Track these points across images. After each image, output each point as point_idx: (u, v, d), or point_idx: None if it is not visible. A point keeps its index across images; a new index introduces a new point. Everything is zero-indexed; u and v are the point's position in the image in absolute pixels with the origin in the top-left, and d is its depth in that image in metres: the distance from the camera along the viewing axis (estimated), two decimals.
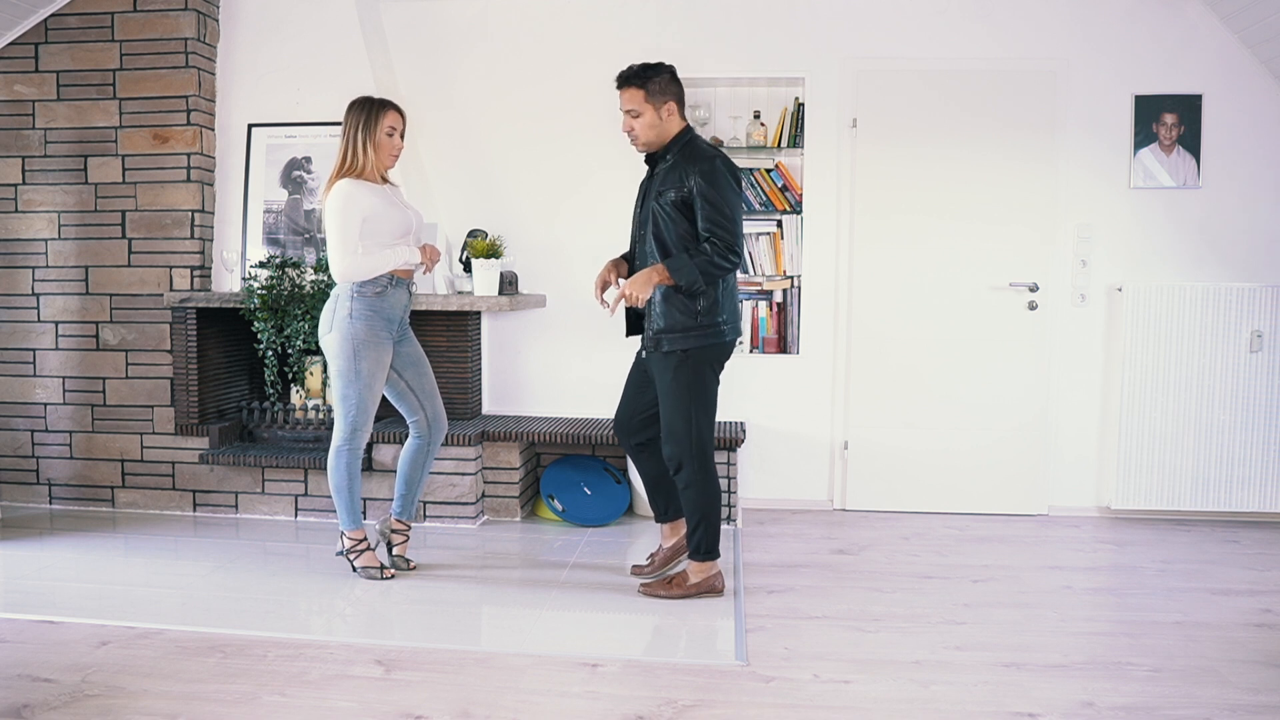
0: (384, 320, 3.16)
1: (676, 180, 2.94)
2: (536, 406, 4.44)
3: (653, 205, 2.98)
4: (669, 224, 2.96)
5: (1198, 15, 4.07)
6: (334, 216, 3.07)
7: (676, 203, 2.94)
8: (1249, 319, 4.06)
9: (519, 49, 4.35)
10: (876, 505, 4.31)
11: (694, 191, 2.91)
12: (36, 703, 2.33)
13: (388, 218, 3.14)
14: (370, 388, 3.14)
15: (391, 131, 3.19)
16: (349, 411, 3.15)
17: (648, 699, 2.39)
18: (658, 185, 3.00)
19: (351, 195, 3.08)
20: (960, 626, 2.91)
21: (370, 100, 3.17)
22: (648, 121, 2.98)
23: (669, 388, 3.00)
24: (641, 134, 3.00)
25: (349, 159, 3.14)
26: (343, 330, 3.10)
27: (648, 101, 2.97)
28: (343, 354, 3.11)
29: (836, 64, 4.22)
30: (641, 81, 2.96)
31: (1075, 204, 4.19)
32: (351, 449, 3.19)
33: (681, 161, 2.96)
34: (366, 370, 3.12)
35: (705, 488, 3.02)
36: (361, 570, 3.28)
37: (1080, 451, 4.26)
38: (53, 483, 4.27)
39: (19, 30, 4.11)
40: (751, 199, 4.32)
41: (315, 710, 2.32)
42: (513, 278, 4.14)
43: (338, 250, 3.07)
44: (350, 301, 3.11)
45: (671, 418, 3.02)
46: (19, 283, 4.24)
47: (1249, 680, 2.52)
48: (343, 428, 3.17)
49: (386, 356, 3.18)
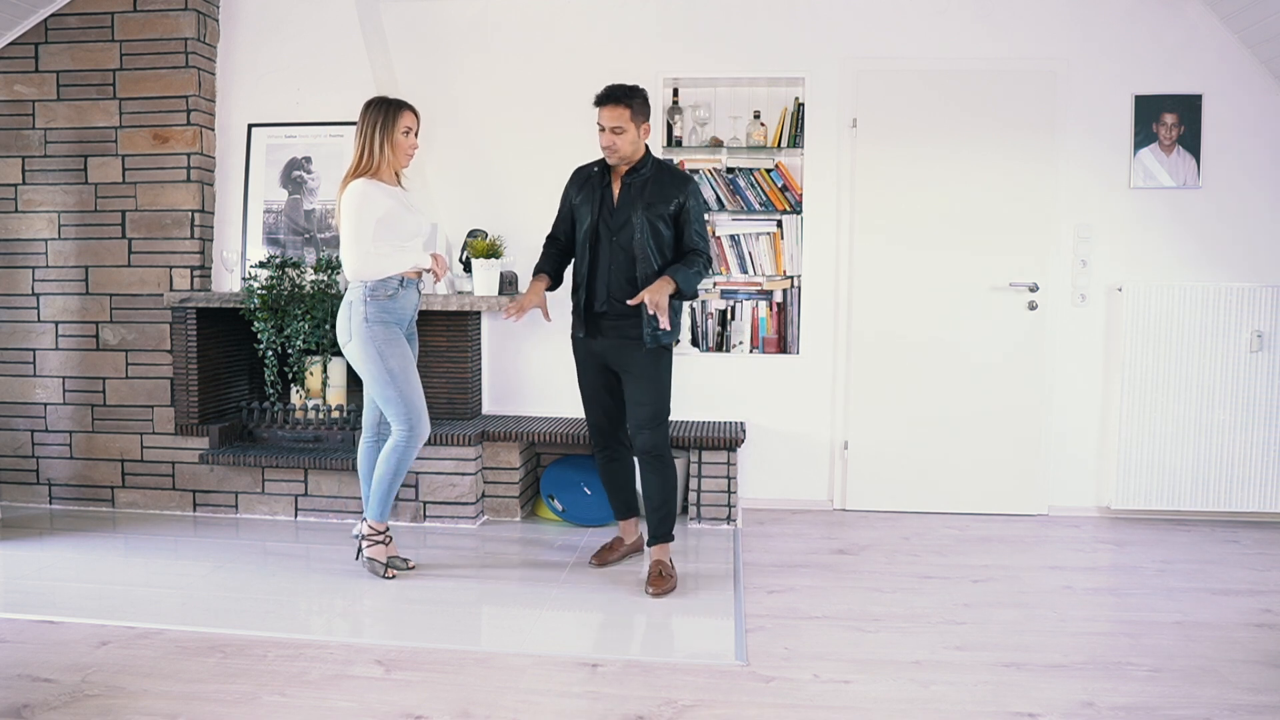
0: (396, 321, 3.22)
1: (665, 195, 3.21)
2: (536, 406, 4.44)
3: (643, 215, 3.19)
4: (660, 233, 3.22)
5: (1198, 15, 4.07)
6: (349, 215, 3.11)
7: (665, 216, 3.21)
8: (1249, 319, 4.06)
9: (519, 48, 4.35)
10: (876, 505, 4.31)
11: (683, 208, 3.23)
12: (36, 703, 2.33)
13: (402, 219, 3.18)
14: (409, 381, 3.20)
15: (408, 131, 3.24)
16: (399, 411, 3.19)
17: (648, 699, 2.39)
18: (645, 196, 3.20)
19: (367, 194, 3.11)
20: (960, 626, 2.91)
21: (387, 100, 3.22)
22: (630, 138, 3.18)
23: (655, 377, 3.25)
24: (623, 149, 3.18)
25: (365, 158, 3.18)
26: (362, 336, 3.16)
27: (632, 120, 3.17)
28: (369, 358, 3.17)
29: (836, 64, 4.23)
30: (629, 100, 3.17)
31: (1075, 204, 4.19)
32: (410, 445, 3.22)
33: (665, 178, 3.24)
34: (398, 367, 3.18)
35: (673, 469, 3.33)
36: (367, 560, 3.30)
37: (1080, 451, 4.26)
38: (53, 483, 4.27)
39: (19, 30, 4.11)
40: (751, 199, 4.32)
41: (315, 710, 2.33)
42: (513, 278, 4.14)
43: (351, 248, 3.12)
44: (364, 306, 3.16)
45: (659, 406, 3.27)
46: (19, 283, 4.24)
47: (1249, 680, 2.52)
48: (400, 427, 3.21)
49: (408, 349, 3.25)
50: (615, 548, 3.52)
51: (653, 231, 3.20)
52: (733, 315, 4.40)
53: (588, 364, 3.37)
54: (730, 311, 4.40)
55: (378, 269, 3.14)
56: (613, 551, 3.50)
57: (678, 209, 3.22)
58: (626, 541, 3.54)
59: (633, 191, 3.22)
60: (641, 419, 3.26)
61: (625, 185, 3.24)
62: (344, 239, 3.14)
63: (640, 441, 3.27)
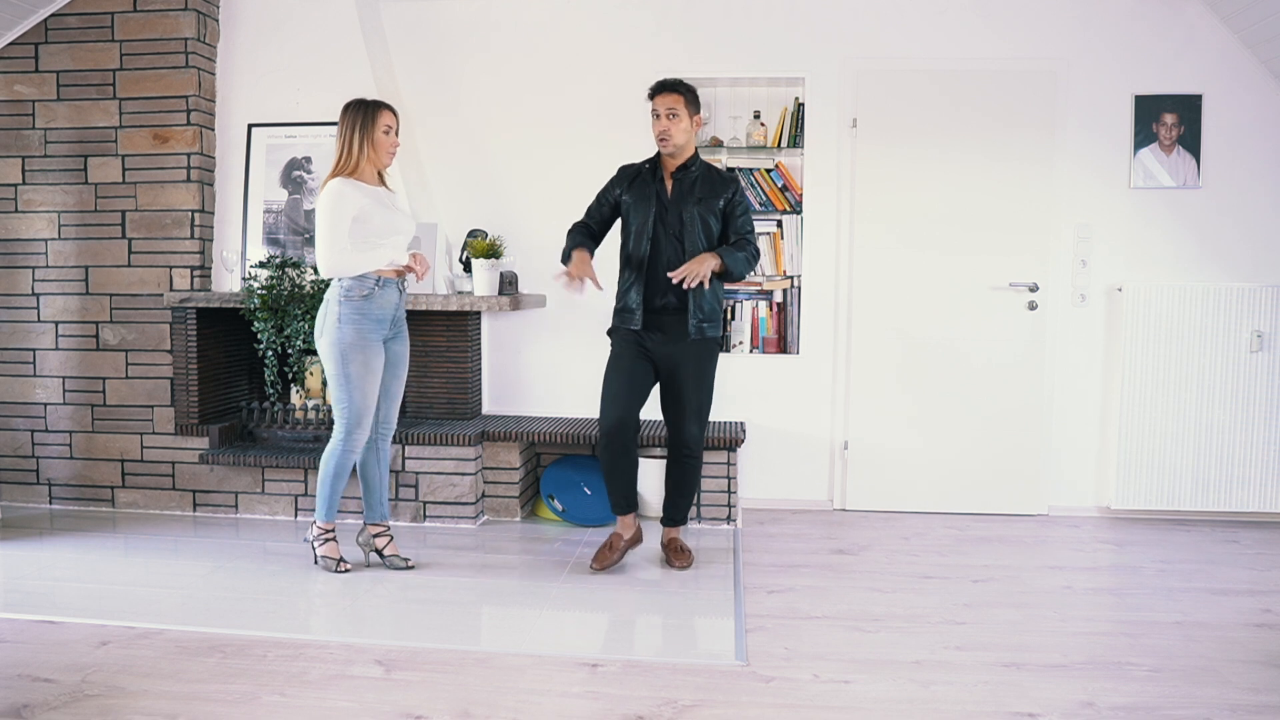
0: (373, 322, 3.22)
1: (715, 191, 3.36)
2: (536, 406, 4.44)
3: (696, 210, 3.31)
4: (711, 227, 3.35)
5: (1198, 15, 4.07)
6: (324, 213, 3.15)
7: (715, 211, 3.35)
8: (1249, 319, 4.06)
9: (519, 48, 4.36)
10: (876, 505, 4.31)
11: (732, 202, 3.37)
12: (36, 703, 2.33)
13: (377, 218, 3.20)
14: (361, 389, 3.22)
15: (388, 130, 3.27)
16: (342, 414, 3.25)
17: (648, 699, 2.39)
18: (697, 191, 3.33)
19: (342, 193, 3.15)
20: (960, 626, 2.90)
21: (365, 101, 3.26)
22: (684, 126, 3.31)
23: (704, 372, 3.38)
24: (676, 136, 3.29)
25: (344, 158, 3.22)
26: (330, 336, 3.20)
27: (686, 107, 3.31)
28: (330, 358, 3.21)
29: (836, 64, 4.23)
30: (685, 90, 3.33)
31: (1075, 204, 4.19)
32: (346, 450, 3.27)
33: (714, 176, 3.40)
34: (356, 373, 3.20)
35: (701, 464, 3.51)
36: (321, 559, 3.36)
37: (1080, 452, 4.26)
38: (53, 483, 4.27)
39: (19, 30, 4.11)
40: (751, 199, 4.32)
41: (315, 710, 2.32)
42: (513, 278, 4.14)
43: (325, 245, 3.16)
44: (338, 306, 3.19)
45: (703, 401, 3.40)
46: (19, 283, 4.24)
47: (1249, 680, 2.52)
48: (339, 429, 3.26)
49: (377, 359, 3.25)
50: (615, 546, 3.42)
51: (704, 226, 3.32)
52: (733, 315, 4.40)
53: (631, 357, 3.36)
54: (730, 311, 4.40)
55: (350, 266, 3.16)
56: (613, 551, 3.41)
57: (727, 204, 3.36)
58: (626, 536, 3.46)
59: (684, 187, 3.34)
60: (687, 413, 3.37)
61: (677, 181, 3.35)
62: (318, 237, 3.18)
63: (689, 437, 3.39)
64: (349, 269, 3.16)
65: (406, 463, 3.96)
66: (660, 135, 3.30)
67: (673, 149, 3.31)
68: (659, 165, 3.40)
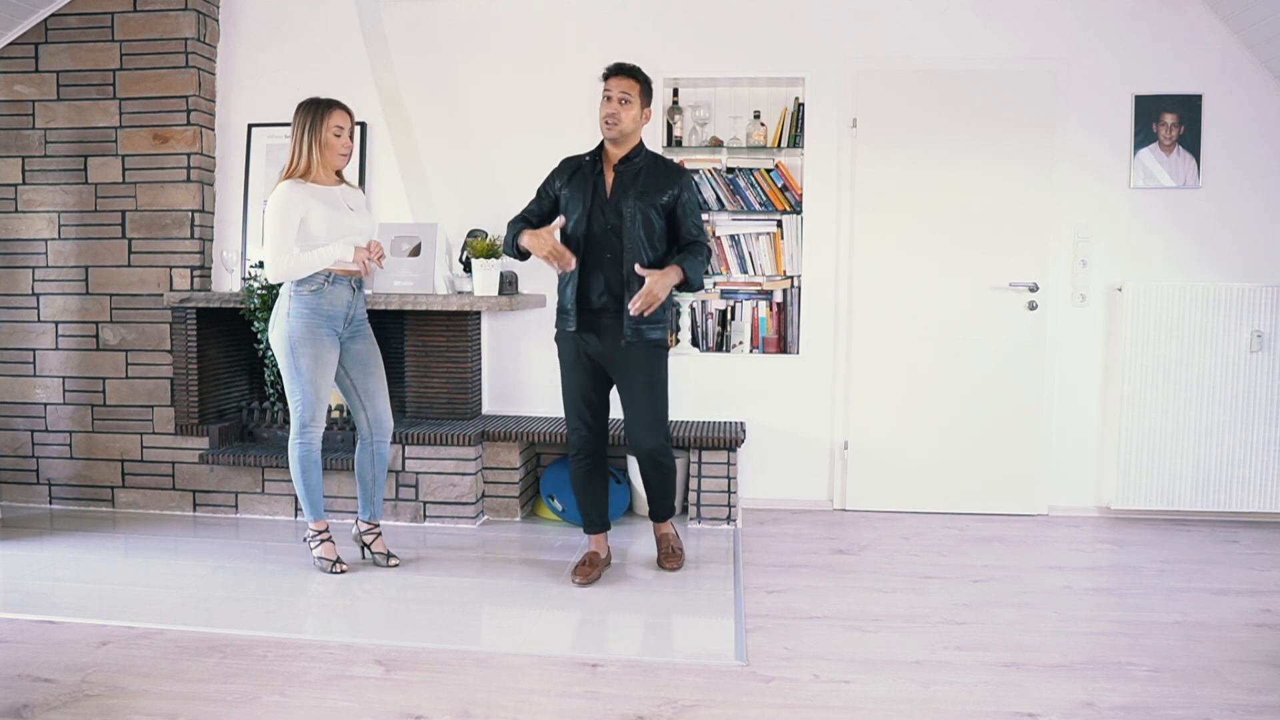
0: (324, 318, 3.22)
1: (659, 186, 3.19)
2: (536, 406, 4.44)
3: (635, 205, 3.16)
4: (653, 223, 3.19)
5: (1198, 15, 4.07)
6: (270, 218, 3.16)
7: (658, 207, 3.19)
8: (1249, 319, 4.06)
9: (519, 48, 4.36)
10: (876, 505, 4.31)
11: (678, 200, 3.21)
12: (36, 703, 2.33)
13: (323, 220, 3.18)
14: (313, 383, 3.23)
15: (339, 131, 3.24)
16: (296, 406, 3.26)
17: (648, 699, 2.39)
18: (639, 185, 3.18)
19: (289, 197, 3.15)
20: (960, 626, 2.90)
21: (317, 100, 3.24)
22: (634, 114, 3.18)
23: (654, 377, 3.23)
24: (624, 122, 3.16)
25: (294, 160, 3.22)
26: (280, 329, 3.22)
27: (640, 95, 3.19)
28: (281, 351, 3.23)
29: (836, 64, 4.23)
30: (642, 78, 3.21)
31: (1075, 204, 4.19)
32: (303, 443, 3.28)
33: (659, 169, 3.23)
34: (306, 366, 3.21)
35: (674, 473, 3.42)
36: (317, 560, 3.36)
37: (1080, 452, 4.26)
38: (53, 483, 4.27)
39: (19, 30, 4.11)
40: (751, 199, 4.32)
41: (315, 710, 2.33)
42: (513, 278, 4.14)
43: (270, 251, 3.16)
44: (288, 301, 3.21)
45: (658, 406, 3.26)
46: (19, 283, 4.24)
47: (1249, 680, 2.52)
48: (293, 423, 3.28)
49: (329, 353, 3.25)
50: (594, 563, 3.31)
51: (644, 221, 3.16)
52: (733, 315, 4.40)
53: (577, 364, 3.27)
54: (730, 311, 4.40)
55: (295, 270, 3.15)
56: (594, 568, 3.28)
57: (672, 201, 3.21)
58: (601, 556, 3.37)
59: (625, 180, 3.19)
60: (641, 422, 3.24)
61: (618, 174, 3.20)
62: (265, 241, 3.18)
63: (642, 446, 3.26)
64: (294, 273, 3.16)
65: (406, 463, 3.96)
66: (607, 118, 3.13)
67: (617, 135, 3.15)
68: (600, 157, 3.24)
